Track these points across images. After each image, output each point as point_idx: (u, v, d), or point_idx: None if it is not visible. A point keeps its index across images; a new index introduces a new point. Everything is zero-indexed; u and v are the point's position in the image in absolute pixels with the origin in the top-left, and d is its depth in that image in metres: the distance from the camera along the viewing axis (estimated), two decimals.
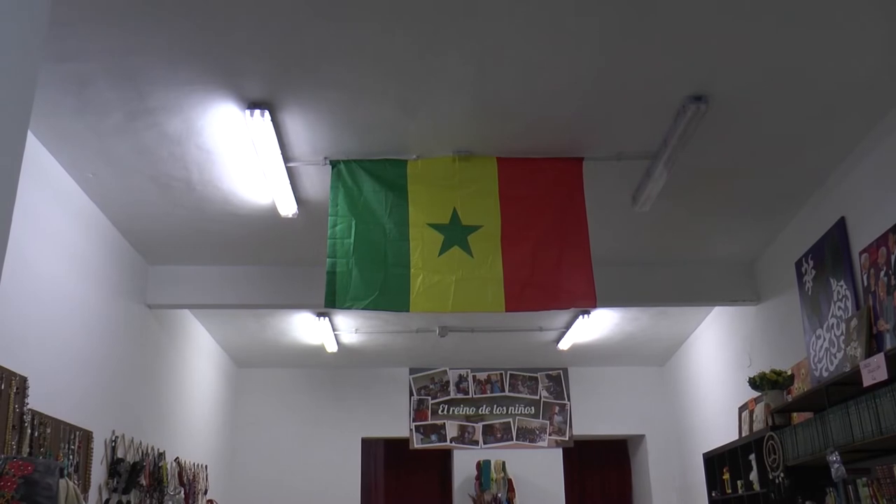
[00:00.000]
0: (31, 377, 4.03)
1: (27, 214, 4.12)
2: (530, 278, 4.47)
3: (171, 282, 6.19)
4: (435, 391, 8.09)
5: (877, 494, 4.23)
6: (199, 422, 7.59)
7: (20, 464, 2.73)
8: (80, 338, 4.84)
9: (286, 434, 9.19)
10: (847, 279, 4.83)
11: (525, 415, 8.22)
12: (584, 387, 9.08)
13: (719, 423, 7.35)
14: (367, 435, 9.36)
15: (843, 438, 4.35)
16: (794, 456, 5.08)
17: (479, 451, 8.60)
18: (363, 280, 4.34)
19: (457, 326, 7.71)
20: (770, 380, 5.62)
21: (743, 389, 6.49)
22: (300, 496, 8.79)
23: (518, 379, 8.31)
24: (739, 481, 6.19)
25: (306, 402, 9.35)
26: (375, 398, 9.25)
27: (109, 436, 5.25)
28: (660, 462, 9.24)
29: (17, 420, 3.85)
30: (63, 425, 4.45)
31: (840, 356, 4.89)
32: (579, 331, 7.84)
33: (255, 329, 7.87)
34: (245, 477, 8.90)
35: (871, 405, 4.00)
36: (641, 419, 9.43)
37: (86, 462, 4.78)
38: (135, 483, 5.44)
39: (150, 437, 6.01)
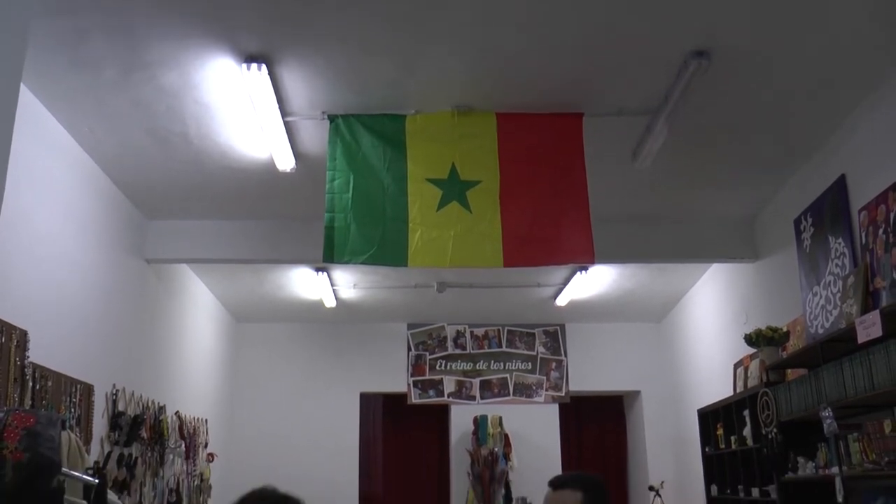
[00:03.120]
0: (31, 331, 4.05)
1: (24, 169, 4.10)
2: (529, 234, 4.47)
3: (170, 236, 6.18)
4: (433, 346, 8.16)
5: (867, 449, 4.29)
6: (199, 376, 7.66)
7: (22, 416, 2.76)
8: (79, 292, 4.86)
9: (285, 388, 9.28)
10: (845, 237, 4.83)
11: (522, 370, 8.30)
12: (581, 343, 9.15)
13: (714, 380, 7.43)
14: (366, 390, 9.46)
15: (836, 394, 4.40)
16: (788, 412, 5.14)
17: (476, 407, 8.71)
18: (361, 235, 4.33)
19: (455, 282, 7.73)
20: (766, 336, 5.66)
21: (738, 346, 6.54)
22: (299, 450, 8.91)
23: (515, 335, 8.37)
24: (733, 437, 6.28)
25: (305, 357, 9.42)
26: (374, 353, 9.32)
27: (110, 389, 5.30)
28: (655, 418, 9.34)
29: (19, 373, 3.88)
30: (64, 379, 4.48)
31: (836, 313, 4.92)
32: (577, 287, 7.87)
33: (254, 284, 7.89)
34: (245, 431, 9.01)
35: (865, 362, 4.03)
36: (637, 375, 9.51)
37: (87, 415, 4.83)
38: (136, 436, 5.51)
39: (150, 391, 6.07)
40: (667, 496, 8.44)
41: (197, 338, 7.60)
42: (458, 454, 9.18)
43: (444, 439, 9.90)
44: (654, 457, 9.23)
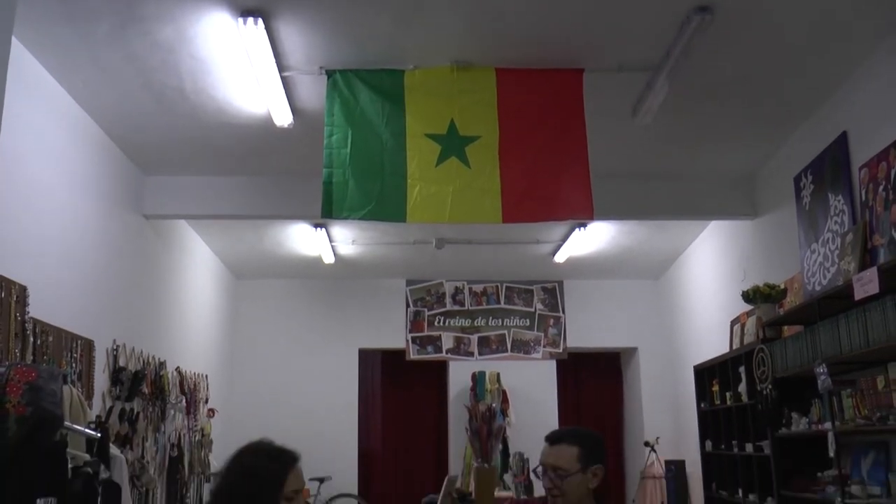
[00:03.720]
0: (31, 286, 4.06)
1: (18, 124, 4.07)
2: (528, 189, 4.46)
3: (167, 192, 6.16)
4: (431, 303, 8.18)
5: (859, 405, 4.34)
6: (199, 332, 7.71)
7: (24, 370, 2.78)
8: (77, 247, 4.86)
9: (285, 345, 9.35)
10: (845, 194, 4.82)
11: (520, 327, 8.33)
12: (579, 300, 9.18)
13: (711, 337, 7.48)
14: (365, 346, 9.53)
15: (831, 351, 4.44)
16: (783, 368, 5.19)
17: (474, 363, 8.76)
18: (360, 190, 4.32)
19: (453, 238, 7.74)
20: (763, 293, 5.69)
21: (736, 303, 6.57)
22: (299, 406, 9.01)
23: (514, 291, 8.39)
24: (728, 393, 6.34)
25: (304, 314, 9.47)
26: (372, 309, 9.37)
27: (110, 345, 5.33)
28: (651, 374, 9.44)
29: (20, 328, 3.90)
30: (64, 334, 4.51)
31: (833, 270, 4.94)
32: (575, 244, 7.88)
33: (253, 240, 7.90)
34: (244, 387, 9.10)
35: (861, 318, 4.06)
36: (635, 332, 9.58)
37: (88, 370, 4.87)
38: (137, 391, 5.56)
39: (150, 347, 6.11)
40: (662, 451, 8.56)
41: (196, 294, 7.62)
42: (456, 410, 9.28)
43: (442, 395, 10.01)
44: (650, 413, 9.34)
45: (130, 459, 5.22)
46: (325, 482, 8.78)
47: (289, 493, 2.30)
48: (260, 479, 2.27)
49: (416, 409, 10.30)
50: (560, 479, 2.52)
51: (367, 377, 10.18)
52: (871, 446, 4.69)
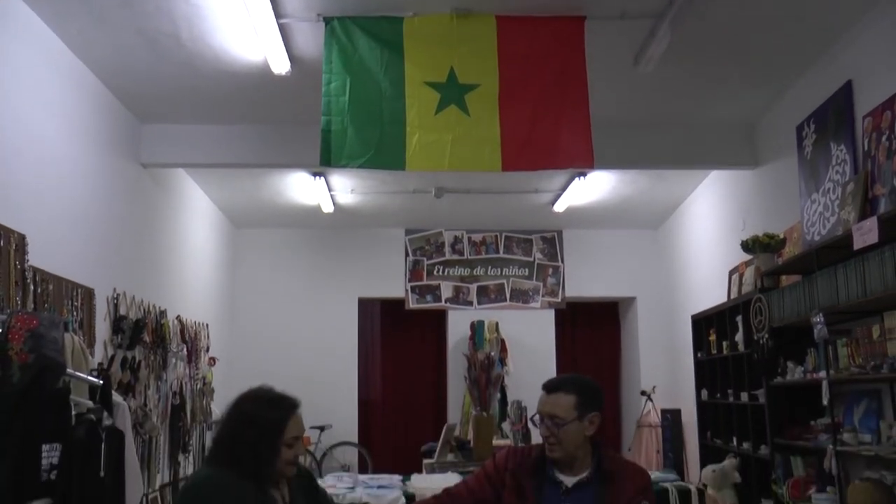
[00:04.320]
0: (30, 235, 4.05)
1: (14, 73, 4.02)
2: (528, 138, 4.43)
3: (165, 140, 6.12)
4: (430, 252, 8.20)
5: (854, 354, 4.39)
6: (199, 281, 7.73)
7: (25, 318, 2.79)
8: (75, 196, 4.84)
9: (284, 294, 9.38)
10: (848, 143, 4.80)
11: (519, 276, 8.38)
12: (578, 249, 9.20)
13: (709, 287, 7.51)
14: (364, 295, 9.56)
15: (828, 300, 4.46)
16: (780, 317, 5.22)
17: (473, 312, 8.82)
18: (358, 138, 4.29)
19: (453, 188, 7.71)
20: (762, 243, 5.70)
21: (734, 253, 6.59)
22: (299, 354, 9.08)
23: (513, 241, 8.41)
24: (725, 342, 6.40)
25: (304, 263, 9.49)
26: (372, 259, 9.38)
27: (111, 293, 5.35)
28: (649, 324, 9.49)
29: (20, 277, 3.91)
30: (65, 282, 4.52)
31: (833, 220, 4.94)
32: (575, 193, 7.86)
33: (251, 189, 7.87)
34: (245, 335, 9.16)
35: (859, 268, 4.07)
36: (633, 282, 9.61)
37: (89, 319, 4.90)
38: (138, 340, 5.60)
39: (150, 296, 6.13)
40: (658, 400, 8.67)
41: (195, 243, 7.63)
42: (455, 359, 9.36)
43: (441, 344, 10.09)
44: (647, 362, 9.43)
45: (133, 407, 5.28)
46: (326, 430, 8.91)
47: (289, 440, 2.33)
48: (260, 426, 2.30)
49: (415, 358, 10.39)
50: (557, 427, 2.55)
51: (366, 326, 10.25)
52: (863, 395, 4.75)
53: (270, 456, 2.29)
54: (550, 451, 2.59)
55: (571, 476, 2.59)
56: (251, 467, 2.26)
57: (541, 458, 2.64)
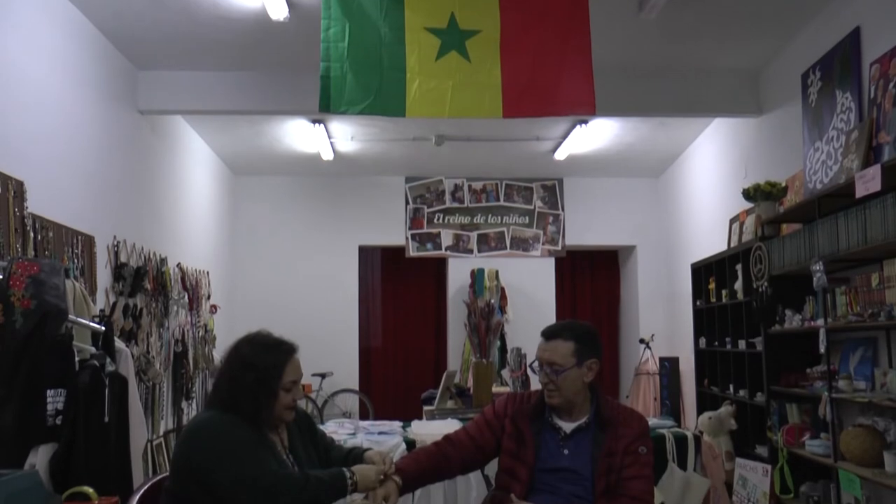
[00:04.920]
0: (28, 182, 4.03)
1: (9, 21, 3.96)
2: (529, 84, 4.37)
3: (162, 87, 6.05)
4: (431, 200, 8.18)
5: (852, 302, 4.40)
6: (198, 228, 7.72)
7: (26, 264, 2.80)
8: (72, 143, 4.80)
9: (285, 242, 9.39)
10: (854, 91, 4.74)
11: (519, 224, 8.37)
12: (579, 197, 9.18)
13: (709, 235, 7.51)
14: (364, 243, 9.58)
15: (828, 249, 4.47)
16: (779, 266, 5.23)
17: (473, 260, 8.84)
18: (358, 84, 4.24)
19: (453, 135, 7.66)
20: (764, 191, 5.67)
21: (735, 201, 6.57)
22: (300, 302, 9.13)
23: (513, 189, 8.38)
24: (724, 291, 6.42)
25: (304, 210, 9.47)
26: (372, 206, 9.36)
27: (111, 241, 5.35)
28: (649, 272, 9.52)
29: (19, 224, 3.90)
30: (64, 230, 4.52)
31: (836, 168, 4.91)
32: (576, 141, 7.80)
33: (250, 136, 7.81)
34: (246, 283, 9.20)
35: (861, 216, 4.06)
36: (633, 230, 9.61)
37: (90, 266, 4.90)
38: (140, 287, 5.62)
39: (151, 243, 6.14)
40: (656, 348, 8.75)
41: (195, 190, 7.60)
42: (455, 307, 9.42)
43: (441, 292, 10.14)
44: (646, 310, 9.48)
45: (136, 354, 5.32)
46: (327, 378, 9.01)
47: (287, 384, 2.36)
48: (258, 370, 2.32)
49: (415, 305, 10.45)
50: (556, 373, 2.57)
51: (366, 274, 10.29)
52: (860, 342, 4.79)
53: (268, 400, 2.32)
54: (549, 398, 2.62)
55: (570, 422, 2.63)
56: (250, 411, 2.29)
57: (540, 404, 2.67)
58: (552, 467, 2.57)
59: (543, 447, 2.61)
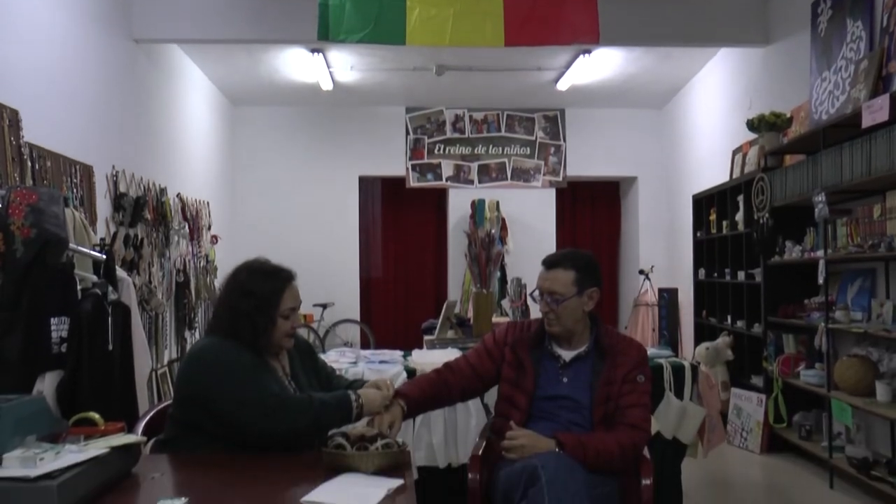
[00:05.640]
0: (23, 111, 3.98)
1: None
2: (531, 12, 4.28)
3: (157, 15, 5.91)
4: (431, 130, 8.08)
5: (853, 233, 4.41)
6: (198, 159, 7.67)
7: (24, 192, 2.78)
8: (67, 71, 4.72)
9: (285, 172, 9.34)
10: (865, 19, 4.64)
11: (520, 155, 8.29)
12: (581, 128, 9.09)
13: (712, 167, 7.47)
14: (365, 173, 9.53)
15: (831, 180, 4.44)
16: (782, 197, 5.21)
17: (473, 191, 8.80)
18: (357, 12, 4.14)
19: (454, 65, 7.53)
20: (768, 122, 5.61)
21: (739, 133, 6.50)
22: (301, 233, 9.14)
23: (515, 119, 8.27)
24: (725, 222, 6.42)
25: (304, 141, 9.40)
26: (372, 137, 9.29)
27: (110, 171, 5.32)
28: (650, 204, 9.51)
29: (16, 153, 3.86)
30: (62, 159, 4.48)
31: (843, 99, 4.84)
32: (579, 71, 7.68)
33: (248, 65, 7.69)
34: (246, 214, 9.19)
35: (866, 146, 4.03)
36: (635, 161, 9.56)
37: (90, 196, 4.88)
38: (140, 217, 5.61)
39: (149, 173, 6.10)
40: (656, 280, 8.79)
41: (193, 120, 7.52)
42: (455, 237, 9.44)
43: (441, 223, 10.14)
44: (646, 242, 9.50)
45: (138, 284, 5.35)
46: (328, 308, 9.08)
47: (285, 311, 2.37)
48: (256, 297, 2.33)
49: (416, 236, 10.46)
50: (556, 303, 2.58)
51: (367, 205, 10.27)
52: (858, 274, 4.81)
53: (267, 326, 2.33)
54: (549, 327, 2.64)
55: (570, 350, 2.65)
56: (249, 337, 2.31)
57: (540, 332, 2.69)
58: (551, 395, 2.61)
59: (543, 375, 2.64)
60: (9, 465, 1.70)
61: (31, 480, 1.63)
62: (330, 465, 2.08)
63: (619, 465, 2.51)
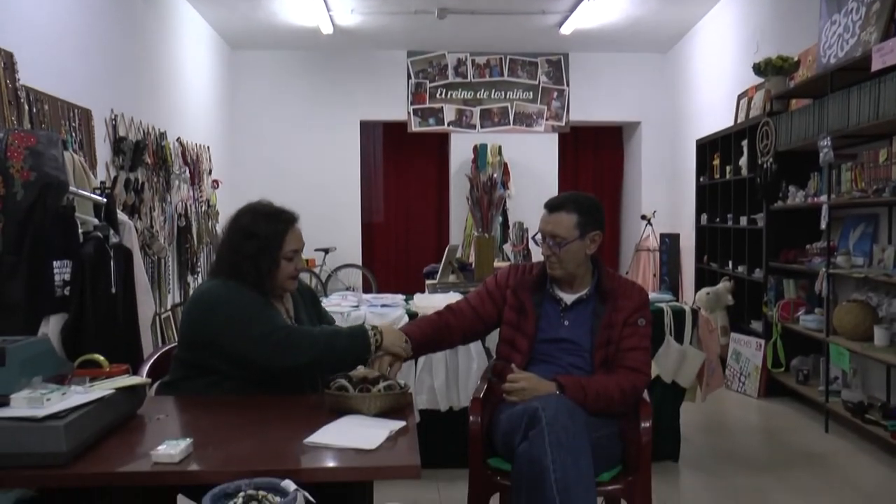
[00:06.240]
0: (18, 54, 3.92)
1: None
2: None
3: None
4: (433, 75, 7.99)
5: (857, 178, 4.38)
6: (197, 103, 7.59)
7: (22, 135, 2.75)
8: (62, 13, 4.63)
9: (285, 117, 9.26)
10: None
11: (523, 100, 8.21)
12: (584, 73, 8.98)
13: (716, 112, 7.39)
14: (366, 118, 9.45)
15: (838, 124, 4.40)
16: (787, 142, 5.17)
17: (476, 135, 8.74)
18: None
19: (456, 8, 7.39)
20: (775, 66, 5.53)
21: (745, 77, 6.42)
22: (302, 178, 9.09)
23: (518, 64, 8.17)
24: (728, 167, 6.38)
25: (304, 86, 9.29)
26: (373, 81, 9.18)
27: (109, 115, 5.27)
28: (653, 149, 9.44)
29: (12, 96, 3.82)
30: (60, 102, 4.43)
31: (853, 42, 4.76)
32: (583, 14, 7.54)
33: (247, 8, 7.55)
34: (247, 158, 9.13)
35: (875, 90, 3.97)
36: (639, 106, 9.46)
37: (89, 140, 4.84)
38: (140, 161, 5.57)
39: (149, 117, 6.04)
40: (658, 225, 8.78)
41: (192, 64, 7.42)
42: (457, 182, 9.40)
43: (443, 168, 10.09)
44: (649, 187, 9.46)
45: (139, 229, 5.35)
46: (330, 253, 9.10)
47: (288, 253, 2.36)
48: (259, 239, 2.33)
49: (417, 181, 10.42)
50: (558, 246, 2.57)
51: (368, 149, 10.21)
52: (861, 219, 4.80)
53: (270, 268, 2.33)
54: (551, 270, 2.63)
55: (571, 293, 2.66)
56: (252, 279, 2.31)
57: (541, 275, 2.69)
58: (552, 338, 2.62)
59: (544, 318, 2.65)
60: (16, 406, 1.72)
61: (38, 420, 1.66)
62: (333, 407, 2.10)
63: (619, 408, 2.53)
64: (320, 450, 1.80)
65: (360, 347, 2.27)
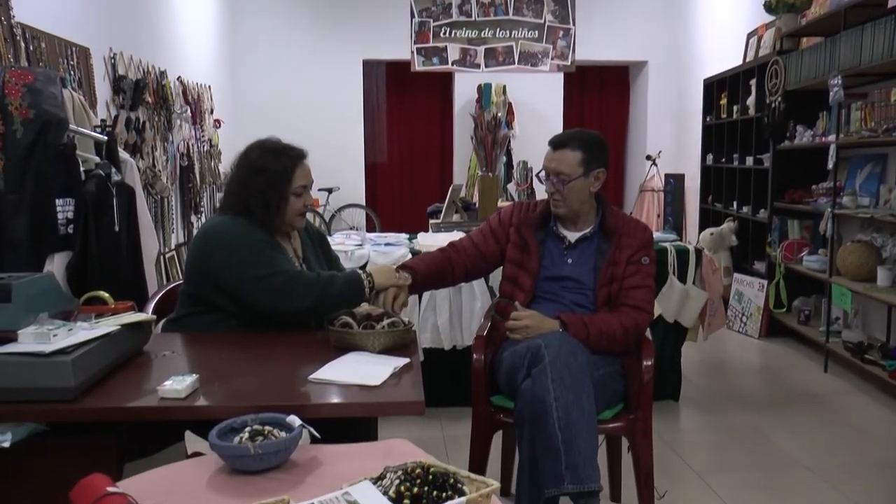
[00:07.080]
0: None
1: None
2: None
3: None
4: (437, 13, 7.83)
5: (867, 118, 4.33)
6: (197, 42, 7.47)
7: (20, 73, 2.71)
8: None
9: (287, 56, 9.12)
10: None
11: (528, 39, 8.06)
12: (590, 11, 8.80)
13: (724, 51, 7.26)
14: (369, 57, 9.31)
15: (849, 62, 4.32)
16: (796, 81, 5.09)
17: (480, 75, 8.60)
18: None
19: None
20: (786, 2, 5.41)
21: (755, 15, 6.29)
22: (305, 117, 9.01)
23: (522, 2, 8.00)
24: (736, 106, 6.30)
25: (305, 24, 9.13)
26: (376, 20, 9.01)
27: (108, 53, 5.19)
28: (659, 88, 9.31)
29: (8, 33, 3.75)
30: (57, 41, 4.36)
31: None
32: None
33: None
34: (249, 98, 9.02)
35: (890, 26, 3.89)
36: (646, 45, 9.30)
37: (88, 78, 4.78)
38: (141, 100, 5.51)
39: (149, 56, 5.95)
40: (663, 165, 8.72)
41: (192, 2, 7.27)
42: (461, 122, 9.31)
43: (447, 107, 9.98)
44: (655, 127, 9.36)
45: (142, 168, 5.32)
46: (333, 193, 9.07)
47: (297, 189, 2.36)
48: (268, 174, 2.32)
49: (421, 120, 10.32)
50: (563, 183, 2.55)
51: (371, 89, 10.08)
52: (869, 159, 4.76)
53: (279, 204, 2.32)
54: (555, 207, 2.61)
55: (575, 231, 2.65)
56: (261, 215, 2.31)
57: (545, 213, 2.67)
58: (555, 276, 2.62)
59: (547, 256, 2.64)
60: (23, 341, 1.74)
61: (45, 356, 1.67)
62: (337, 344, 2.11)
63: (622, 346, 2.54)
64: (325, 386, 1.81)
65: (356, 293, 2.30)
